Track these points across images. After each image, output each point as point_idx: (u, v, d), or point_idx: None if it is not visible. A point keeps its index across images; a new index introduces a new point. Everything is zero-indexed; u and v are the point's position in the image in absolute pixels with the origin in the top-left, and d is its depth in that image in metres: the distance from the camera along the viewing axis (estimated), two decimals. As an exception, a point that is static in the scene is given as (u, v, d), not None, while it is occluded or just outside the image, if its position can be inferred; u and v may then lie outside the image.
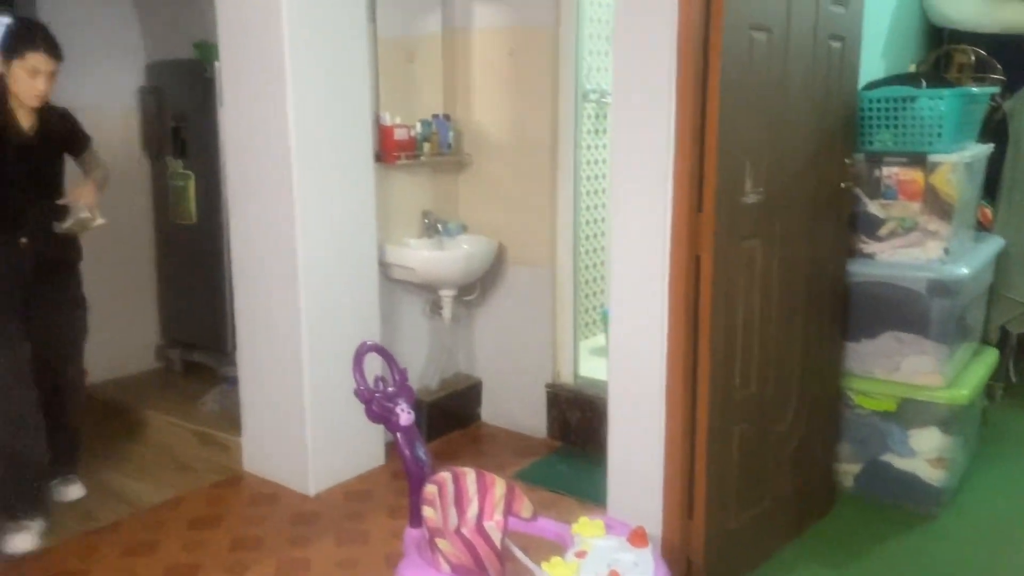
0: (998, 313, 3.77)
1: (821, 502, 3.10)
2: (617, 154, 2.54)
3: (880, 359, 3.15)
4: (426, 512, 2.04)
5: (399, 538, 2.44)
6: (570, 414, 3.78)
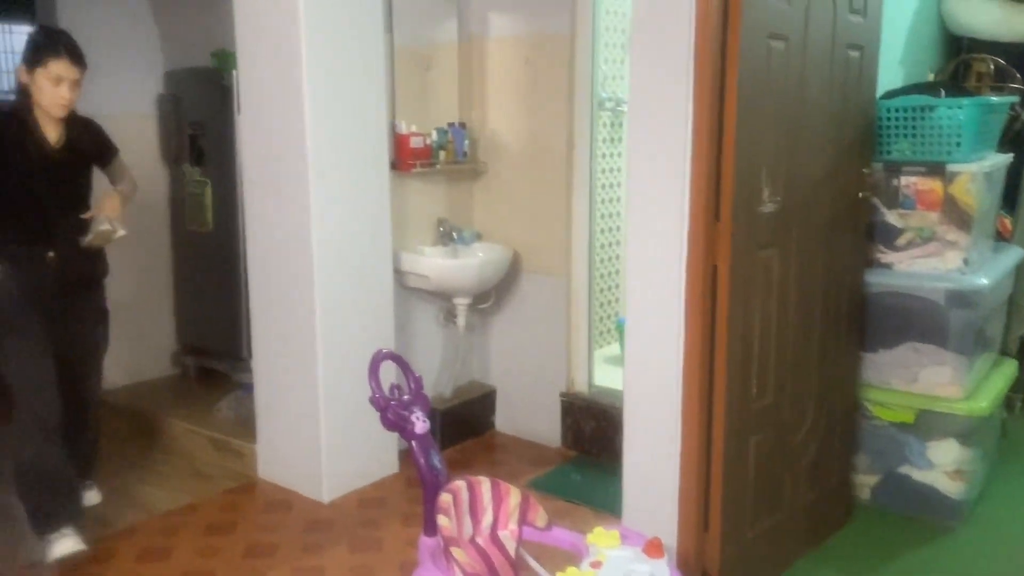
0: (1018, 324, 3.74)
1: (838, 514, 3.07)
2: (634, 162, 2.53)
3: (898, 370, 3.13)
4: (441, 521, 2.04)
5: (413, 546, 2.44)
6: (584, 423, 3.77)
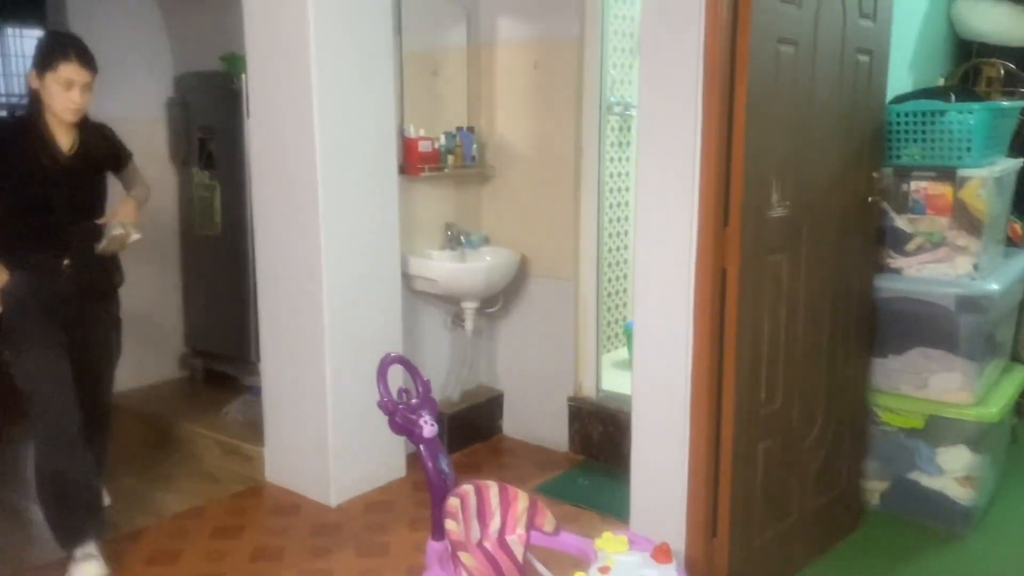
0: (1028, 330, 3.71)
1: (847, 520, 3.06)
2: (643, 166, 2.53)
3: (907, 375, 3.12)
4: (449, 525, 2.03)
5: (420, 550, 2.44)
6: (592, 428, 3.76)
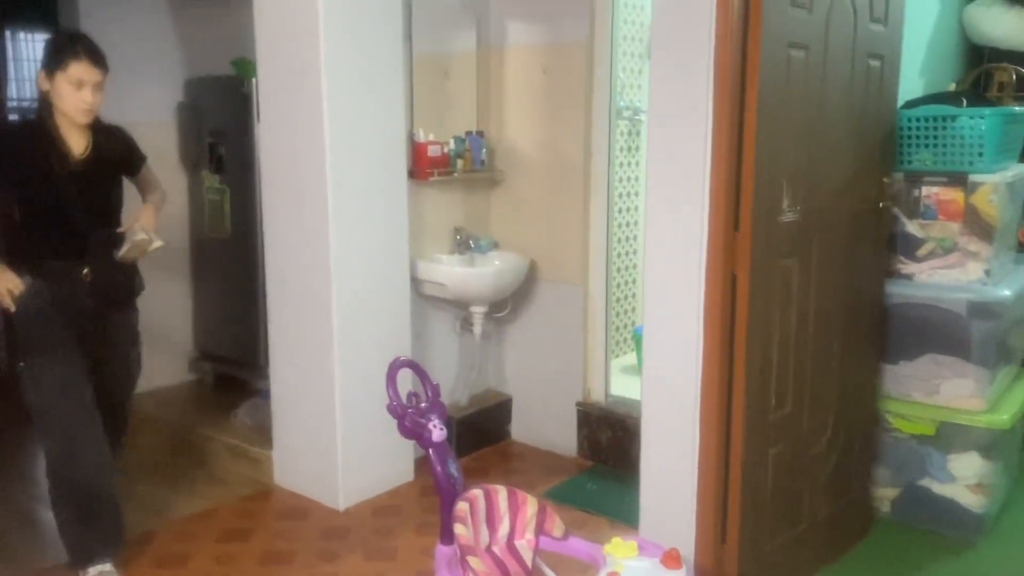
0: (1040, 336, 3.69)
1: (857, 527, 3.04)
2: (653, 170, 2.53)
3: (919, 382, 3.10)
4: (458, 529, 2.03)
5: (428, 555, 2.43)
6: (601, 433, 3.75)
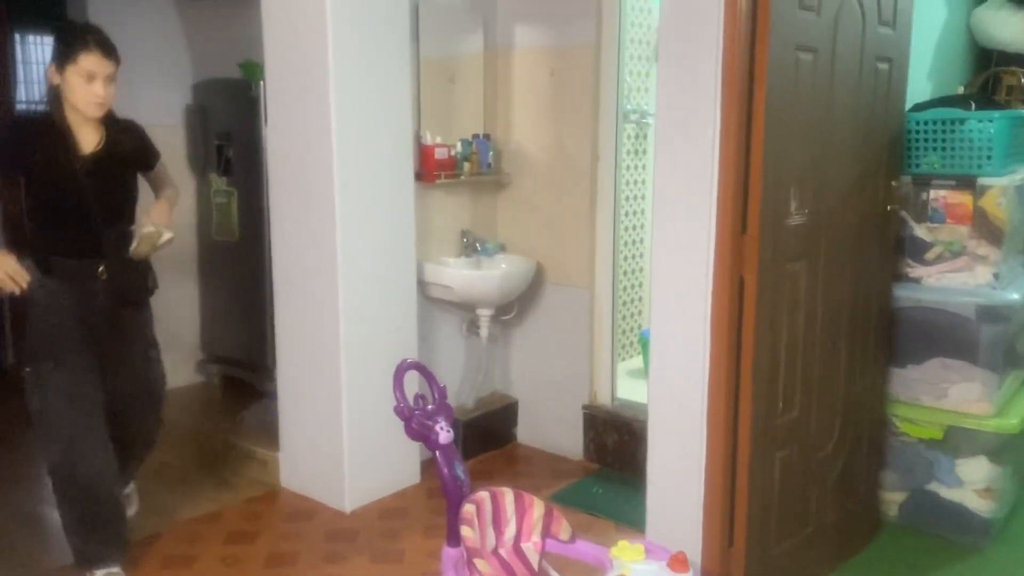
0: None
1: (864, 531, 3.03)
2: (660, 173, 2.52)
3: (927, 386, 3.09)
4: (464, 531, 2.02)
5: (434, 557, 2.43)
6: (607, 436, 3.75)
